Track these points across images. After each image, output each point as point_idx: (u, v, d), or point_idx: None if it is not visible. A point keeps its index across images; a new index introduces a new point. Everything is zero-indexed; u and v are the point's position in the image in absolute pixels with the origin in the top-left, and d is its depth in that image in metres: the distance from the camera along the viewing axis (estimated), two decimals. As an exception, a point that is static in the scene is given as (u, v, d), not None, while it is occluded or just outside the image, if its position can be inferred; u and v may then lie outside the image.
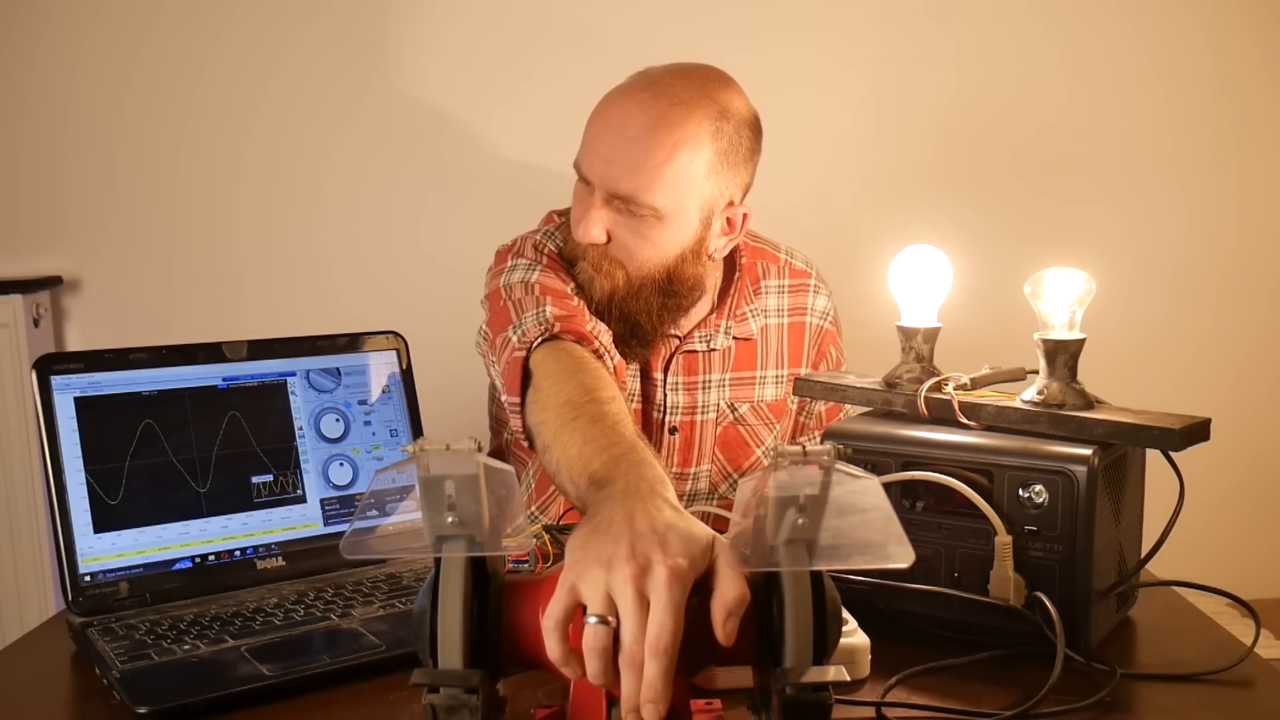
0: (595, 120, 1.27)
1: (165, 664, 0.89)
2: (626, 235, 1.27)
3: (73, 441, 1.02)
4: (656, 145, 1.22)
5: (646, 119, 1.22)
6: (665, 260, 1.28)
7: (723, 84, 1.29)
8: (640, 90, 1.25)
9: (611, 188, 1.24)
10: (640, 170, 1.22)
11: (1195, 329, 2.24)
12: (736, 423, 1.42)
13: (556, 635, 0.70)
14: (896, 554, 0.68)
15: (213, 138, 2.14)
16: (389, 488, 0.98)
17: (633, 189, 1.23)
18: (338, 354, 1.17)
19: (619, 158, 1.23)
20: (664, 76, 1.27)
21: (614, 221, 1.26)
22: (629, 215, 1.25)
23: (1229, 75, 2.19)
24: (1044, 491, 0.92)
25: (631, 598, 0.69)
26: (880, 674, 0.88)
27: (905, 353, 1.06)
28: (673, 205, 1.25)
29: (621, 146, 1.23)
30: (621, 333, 1.30)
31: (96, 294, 2.16)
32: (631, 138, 1.22)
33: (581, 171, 1.27)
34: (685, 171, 1.24)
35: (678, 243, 1.28)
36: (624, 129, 1.23)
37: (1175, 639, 0.98)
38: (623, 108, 1.25)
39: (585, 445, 0.95)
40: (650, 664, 0.67)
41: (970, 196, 2.17)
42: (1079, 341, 0.97)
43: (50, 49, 2.09)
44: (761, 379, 1.43)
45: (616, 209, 1.26)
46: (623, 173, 1.23)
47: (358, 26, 2.12)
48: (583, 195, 1.29)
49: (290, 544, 1.10)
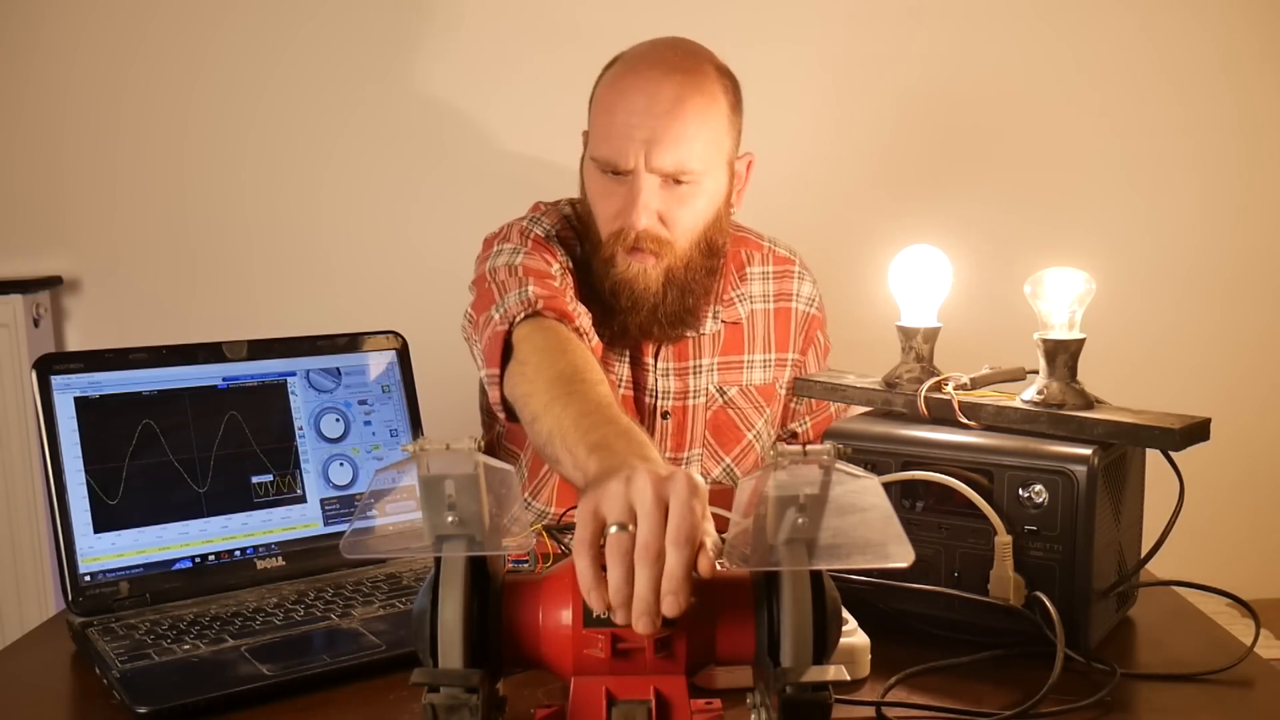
0: (616, 109, 1.28)
1: (165, 664, 0.89)
2: (674, 209, 1.29)
3: (73, 441, 1.02)
4: (690, 113, 1.26)
5: (672, 92, 1.26)
6: (706, 223, 1.32)
7: (699, 46, 1.34)
8: (650, 66, 1.29)
9: (657, 166, 1.26)
10: (683, 141, 1.26)
11: (1195, 329, 2.24)
12: (726, 406, 1.44)
13: (588, 556, 0.71)
14: (896, 553, 0.68)
15: (213, 137, 2.14)
16: (389, 488, 0.98)
17: (679, 161, 1.26)
18: (338, 354, 1.17)
19: (660, 136, 1.25)
20: (659, 52, 1.31)
21: (662, 200, 1.28)
22: (674, 189, 1.28)
23: (1234, 75, 2.19)
24: (1044, 491, 0.92)
25: (651, 499, 0.71)
26: (880, 674, 0.88)
27: (905, 353, 1.06)
28: (712, 166, 1.30)
29: (657, 125, 1.25)
30: (677, 310, 1.33)
31: (96, 294, 2.16)
32: (664, 113, 1.25)
33: (615, 163, 1.27)
34: (716, 131, 1.29)
35: (714, 202, 1.32)
36: (653, 106, 1.25)
37: (1175, 639, 0.98)
38: (643, 90, 1.27)
39: (581, 418, 0.97)
40: (672, 553, 0.69)
41: (970, 197, 2.17)
42: (1079, 341, 0.97)
43: (49, 48, 2.09)
44: (749, 363, 1.45)
45: (664, 186, 1.28)
46: (667, 148, 1.25)
47: (358, 25, 2.12)
48: (612, 188, 1.29)
49: (290, 544, 1.10)
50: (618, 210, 1.28)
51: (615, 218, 1.29)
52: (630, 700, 0.71)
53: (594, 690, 0.71)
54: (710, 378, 1.43)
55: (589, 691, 0.72)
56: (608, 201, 1.30)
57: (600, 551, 0.72)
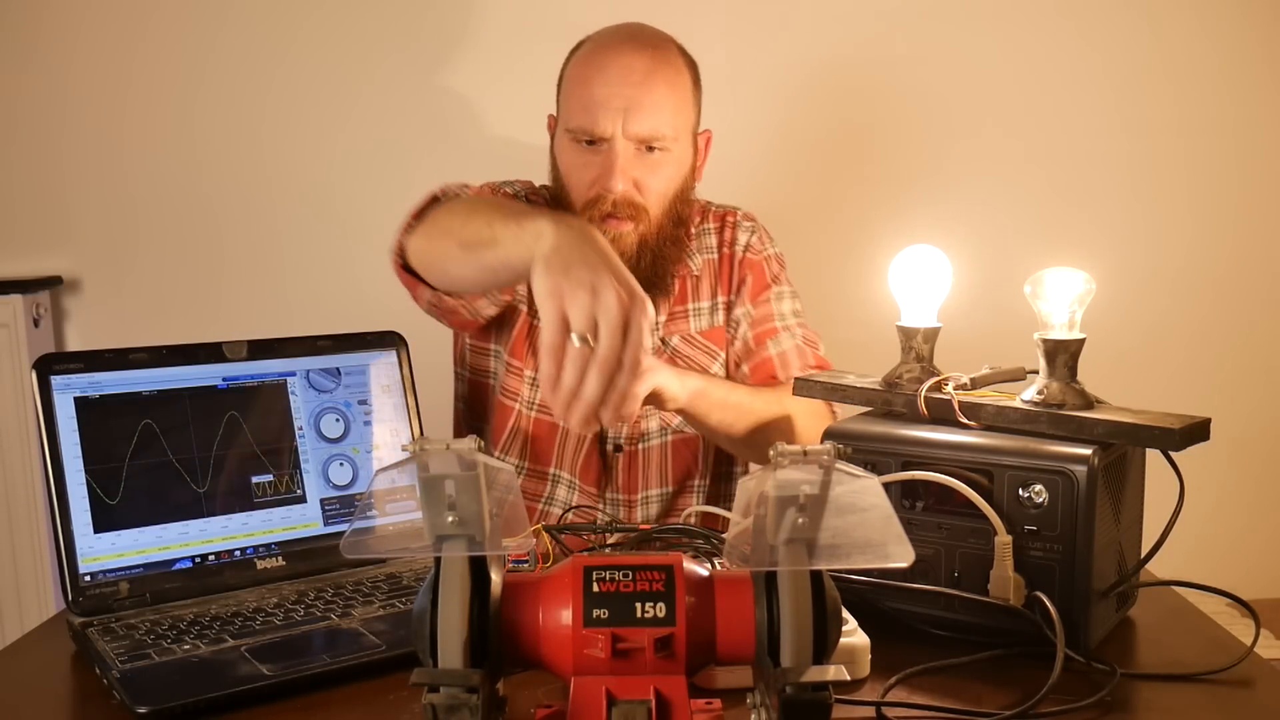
0: (592, 81, 1.35)
1: (165, 664, 0.89)
2: (647, 176, 1.36)
3: (73, 441, 1.02)
4: (662, 82, 1.35)
5: (645, 64, 1.35)
6: (675, 191, 1.40)
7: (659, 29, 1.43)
8: (622, 43, 1.37)
9: (635, 132, 1.34)
10: (658, 109, 1.34)
11: (1195, 329, 2.24)
12: (674, 355, 1.47)
13: (553, 360, 0.86)
14: (896, 553, 0.68)
15: (213, 137, 2.14)
16: (389, 488, 0.99)
17: (654, 127, 1.34)
18: (338, 354, 1.17)
19: (635, 104, 1.33)
20: (627, 30, 1.40)
21: (636, 167, 1.35)
22: (647, 155, 1.36)
23: (1235, 77, 2.19)
24: (1044, 491, 0.92)
25: (616, 320, 0.84)
26: (880, 674, 0.88)
27: (905, 353, 1.06)
28: (681, 135, 1.38)
29: (633, 95, 1.33)
30: (649, 276, 1.38)
31: (96, 294, 2.16)
32: (639, 83, 1.34)
33: (592, 131, 1.34)
34: (684, 100, 1.39)
35: (682, 171, 1.40)
36: (629, 77, 1.34)
37: (1175, 639, 0.98)
38: (617, 62, 1.35)
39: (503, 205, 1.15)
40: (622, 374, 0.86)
41: (971, 197, 2.17)
42: (1079, 341, 0.97)
43: (49, 47, 2.09)
44: (696, 310, 1.49)
45: (637, 154, 1.35)
46: (644, 116, 1.33)
47: (359, 26, 2.13)
48: (589, 157, 1.36)
49: (290, 544, 1.10)
50: (594, 178, 1.36)
51: (591, 185, 1.36)
52: (630, 700, 0.71)
53: (594, 690, 0.71)
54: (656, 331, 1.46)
55: (589, 691, 0.72)
56: (583, 171, 1.37)
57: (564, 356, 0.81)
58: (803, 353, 1.47)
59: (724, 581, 0.75)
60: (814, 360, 1.47)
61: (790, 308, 1.50)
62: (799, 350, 1.47)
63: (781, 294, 1.51)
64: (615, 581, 0.73)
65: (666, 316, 1.47)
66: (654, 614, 0.72)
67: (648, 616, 0.72)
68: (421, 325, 1.39)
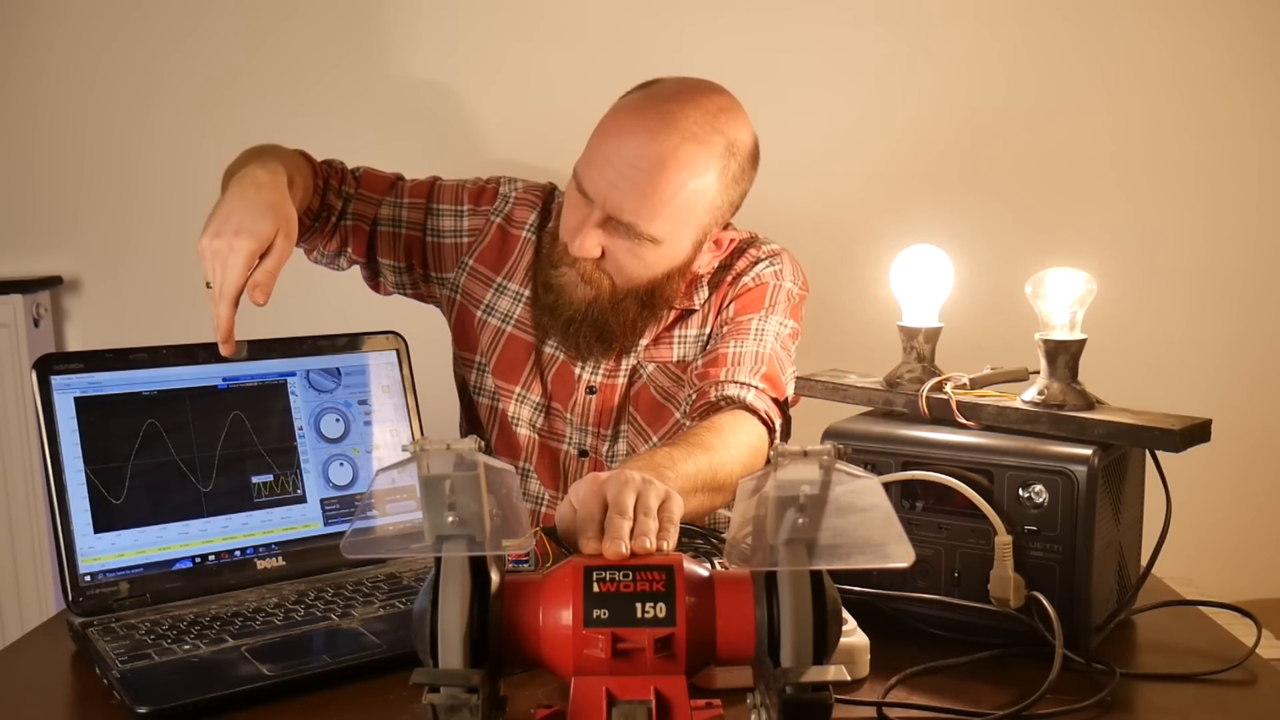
0: (604, 140, 1.26)
1: (165, 664, 0.89)
2: (621, 254, 1.28)
3: (73, 441, 1.02)
4: (666, 181, 1.23)
5: (659, 153, 1.22)
6: (653, 277, 1.30)
7: (732, 115, 1.29)
8: (655, 119, 1.24)
9: (614, 212, 1.24)
10: (646, 203, 1.23)
11: (1196, 330, 2.24)
12: (647, 383, 1.39)
13: (228, 308, 1.04)
14: (897, 553, 0.68)
15: (213, 136, 2.13)
16: (389, 488, 0.99)
17: (635, 219, 1.24)
18: (338, 354, 1.17)
19: (625, 186, 1.23)
20: (677, 103, 1.26)
21: (609, 240, 1.27)
22: (625, 237, 1.26)
23: (1236, 77, 2.19)
24: (1044, 491, 0.92)
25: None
26: (880, 674, 0.88)
27: (906, 352, 1.06)
28: (672, 235, 1.27)
29: (630, 175, 1.23)
30: (589, 338, 1.33)
31: (96, 294, 2.16)
32: (642, 169, 1.23)
33: (584, 186, 1.26)
34: (689, 206, 1.26)
35: (668, 263, 1.30)
36: (635, 159, 1.23)
37: (1175, 639, 0.98)
38: (634, 136, 1.24)
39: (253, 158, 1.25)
40: (222, 304, 1.03)
41: (972, 197, 2.17)
42: (1080, 342, 0.97)
43: (48, 48, 2.09)
44: (682, 339, 1.40)
45: (613, 229, 1.26)
46: (627, 201, 1.23)
47: (358, 26, 2.12)
48: (579, 205, 1.28)
49: (290, 544, 1.10)
50: (572, 227, 1.28)
51: (566, 232, 1.30)
52: (630, 700, 0.71)
53: (594, 690, 0.71)
54: (639, 355, 1.39)
55: (589, 691, 0.72)
56: (570, 214, 1.30)
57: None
58: (761, 359, 1.32)
59: (724, 581, 0.75)
60: (765, 374, 1.31)
61: (775, 329, 1.36)
62: (757, 356, 1.32)
63: (773, 319, 1.37)
64: (615, 582, 0.73)
65: (650, 340, 1.38)
66: (654, 614, 0.72)
67: (648, 617, 0.72)
68: (421, 325, 1.39)
